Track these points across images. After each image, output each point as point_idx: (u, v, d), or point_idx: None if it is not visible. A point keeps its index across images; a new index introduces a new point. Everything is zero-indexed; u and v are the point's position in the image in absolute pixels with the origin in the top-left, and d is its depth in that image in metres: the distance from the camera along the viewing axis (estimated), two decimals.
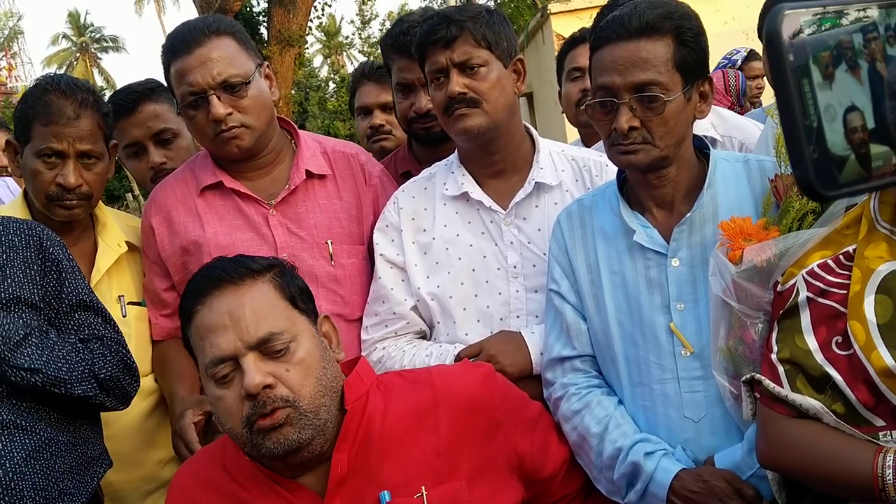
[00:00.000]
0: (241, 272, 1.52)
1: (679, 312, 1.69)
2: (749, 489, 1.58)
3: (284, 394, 1.45)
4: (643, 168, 1.68)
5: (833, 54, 0.62)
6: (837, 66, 0.62)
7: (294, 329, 1.50)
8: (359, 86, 3.04)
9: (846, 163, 0.62)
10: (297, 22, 13.00)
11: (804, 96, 0.61)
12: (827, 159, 0.61)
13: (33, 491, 1.67)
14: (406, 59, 2.44)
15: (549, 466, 1.71)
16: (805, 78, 0.61)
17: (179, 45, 2.05)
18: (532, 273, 1.99)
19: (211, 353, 1.47)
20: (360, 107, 3.02)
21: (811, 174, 0.61)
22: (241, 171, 2.16)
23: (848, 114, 0.62)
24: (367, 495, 1.51)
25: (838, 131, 0.61)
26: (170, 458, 2.07)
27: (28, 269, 1.76)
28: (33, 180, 2.10)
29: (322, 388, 1.49)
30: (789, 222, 1.55)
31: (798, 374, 1.41)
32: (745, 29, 4.61)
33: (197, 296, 1.52)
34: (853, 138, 0.61)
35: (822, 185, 0.61)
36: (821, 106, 0.61)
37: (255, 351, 1.46)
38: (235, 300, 1.49)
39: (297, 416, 1.45)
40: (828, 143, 0.61)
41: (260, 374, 1.44)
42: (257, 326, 1.46)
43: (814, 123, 0.61)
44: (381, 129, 2.92)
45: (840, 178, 0.61)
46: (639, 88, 1.62)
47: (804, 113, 0.60)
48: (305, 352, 1.49)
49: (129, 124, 2.49)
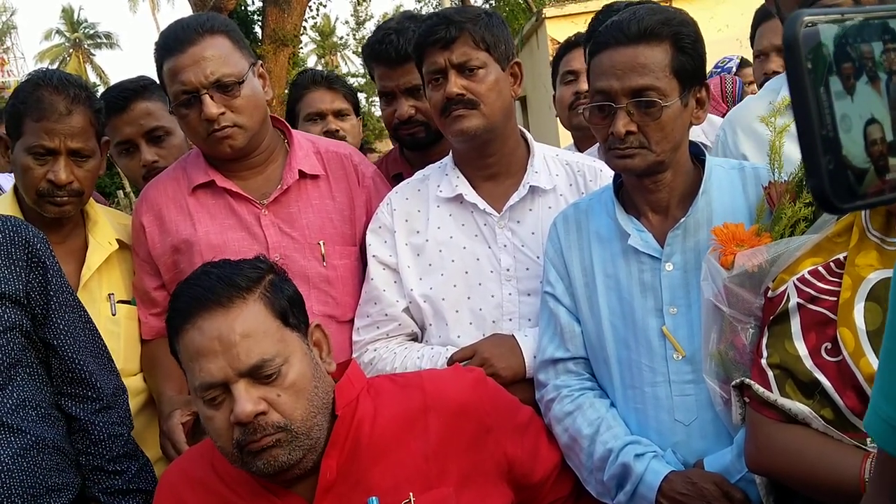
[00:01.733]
0: (230, 293, 1.47)
1: (672, 316, 1.70)
2: (737, 492, 1.59)
3: (276, 420, 1.44)
4: (639, 172, 1.68)
5: (853, 65, 0.62)
6: (858, 77, 0.61)
7: (285, 351, 1.48)
8: (307, 92, 2.94)
9: (865, 175, 0.61)
10: (291, 22, 12.96)
11: (821, 105, 0.60)
12: (843, 170, 0.60)
13: (21, 488, 1.67)
14: (384, 67, 2.44)
15: (539, 471, 1.71)
16: (822, 86, 0.60)
17: (173, 43, 2.04)
18: (525, 276, 1.99)
19: (201, 378, 1.45)
20: (312, 112, 2.90)
21: (826, 185, 0.60)
22: (234, 171, 2.15)
23: (868, 126, 0.61)
24: (356, 500, 1.51)
25: (858, 143, 0.61)
26: (158, 458, 2.06)
27: (14, 265, 1.75)
28: (24, 176, 2.09)
29: (314, 408, 1.48)
30: (781, 229, 1.56)
31: (787, 379, 1.42)
32: (738, 36, 4.63)
33: (185, 315, 1.47)
34: (873, 150, 0.61)
35: (838, 197, 0.60)
36: (837, 115, 0.60)
37: (246, 378, 1.44)
38: (225, 324, 1.44)
39: (288, 438, 1.44)
40: (843, 154, 0.60)
41: (251, 402, 1.42)
42: (248, 353, 1.43)
43: (830, 133, 0.60)
44: (336, 136, 2.83)
45: (857, 190, 0.61)
46: (636, 93, 1.62)
47: (821, 122, 0.60)
48: (297, 374, 1.47)
49: (122, 122, 2.48)
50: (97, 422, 1.85)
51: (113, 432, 1.87)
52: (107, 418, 1.86)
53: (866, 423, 0.90)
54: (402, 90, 2.42)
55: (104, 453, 1.85)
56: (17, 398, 1.72)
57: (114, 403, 1.89)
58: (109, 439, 1.86)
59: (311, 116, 2.92)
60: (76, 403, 1.84)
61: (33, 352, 1.79)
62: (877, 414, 0.87)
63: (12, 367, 1.72)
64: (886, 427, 0.86)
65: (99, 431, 1.85)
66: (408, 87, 2.41)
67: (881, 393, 0.87)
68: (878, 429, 0.87)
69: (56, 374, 1.83)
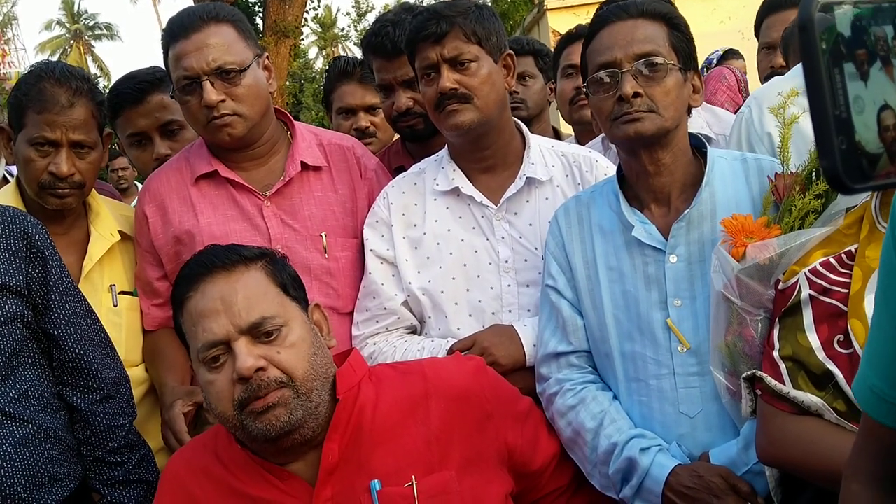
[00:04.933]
0: (233, 258, 1.55)
1: (676, 309, 1.70)
2: (744, 485, 1.59)
3: (277, 376, 1.47)
4: (649, 138, 1.68)
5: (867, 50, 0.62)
6: (871, 63, 0.62)
7: (286, 314, 1.53)
8: (339, 84, 2.93)
9: (879, 159, 0.61)
10: (293, 13, 12.95)
11: (835, 86, 0.60)
12: (855, 152, 0.60)
13: (23, 478, 1.67)
14: (381, 60, 2.43)
15: (538, 460, 1.72)
16: (837, 68, 0.60)
17: (178, 29, 2.05)
18: (523, 268, 1.99)
19: (203, 338, 1.50)
20: (343, 108, 2.91)
21: (839, 166, 0.60)
22: (237, 161, 2.15)
23: (882, 112, 0.61)
24: (358, 484, 1.52)
25: (871, 128, 0.61)
26: (160, 448, 2.07)
27: (13, 256, 1.75)
28: (26, 168, 2.09)
29: (314, 370, 1.51)
30: (791, 221, 1.56)
31: (800, 371, 1.43)
32: (740, 28, 4.61)
33: (189, 282, 1.54)
34: (885, 136, 0.61)
35: (850, 178, 0.60)
36: (850, 96, 0.60)
37: (247, 335, 1.49)
38: (228, 286, 1.51)
39: (291, 395, 1.47)
40: (856, 135, 0.60)
41: (252, 357, 1.46)
42: (249, 311, 1.49)
43: (843, 114, 0.60)
44: (366, 132, 2.85)
45: (869, 172, 0.61)
46: (640, 58, 1.67)
47: (834, 103, 0.60)
48: (297, 336, 1.52)
49: (136, 114, 2.45)
50: (98, 412, 1.85)
51: (114, 423, 1.87)
52: (108, 409, 1.87)
53: (854, 388, 0.94)
54: (400, 82, 2.41)
55: (105, 444, 1.86)
56: (20, 388, 1.72)
57: (115, 393, 1.89)
58: (110, 430, 1.86)
59: (342, 111, 2.93)
60: (77, 393, 1.84)
61: (35, 342, 1.80)
62: (864, 381, 0.91)
63: (14, 357, 1.72)
64: (872, 395, 0.90)
65: (100, 422, 1.85)
66: (406, 79, 2.40)
67: (868, 363, 0.92)
68: (864, 396, 0.92)
69: (57, 364, 1.83)
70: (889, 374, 0.88)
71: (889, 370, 0.88)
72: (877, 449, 0.95)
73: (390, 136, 2.94)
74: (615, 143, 1.82)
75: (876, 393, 0.90)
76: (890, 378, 0.88)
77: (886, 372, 0.88)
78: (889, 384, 0.88)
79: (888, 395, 0.88)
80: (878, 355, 0.90)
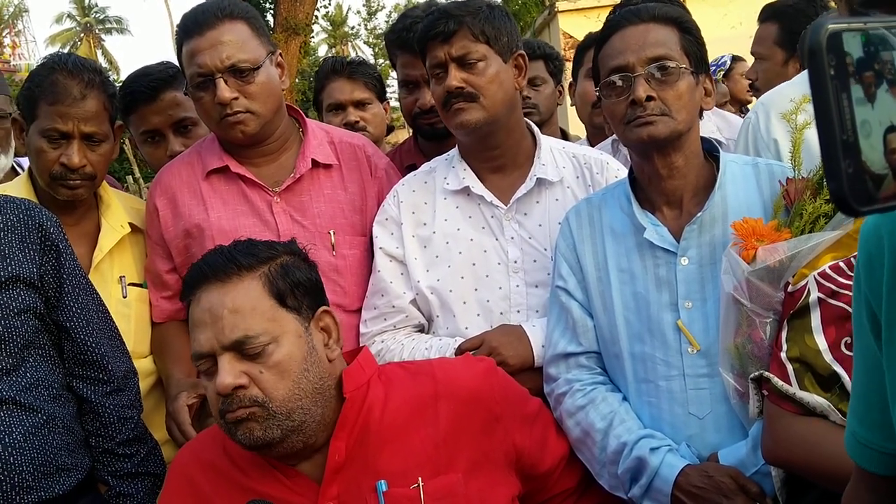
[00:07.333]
0: (229, 268, 1.51)
1: (687, 310, 1.71)
2: (753, 486, 1.59)
3: (255, 394, 1.46)
4: (662, 141, 1.69)
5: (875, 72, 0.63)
6: (878, 85, 0.62)
7: (275, 330, 1.49)
8: (328, 81, 2.96)
9: (884, 181, 0.62)
10: (303, 10, 12.96)
11: (842, 111, 0.61)
12: (861, 174, 0.61)
13: (32, 466, 1.68)
14: (409, 55, 2.43)
15: (546, 462, 1.72)
16: (844, 92, 0.61)
17: (192, 26, 2.05)
18: (533, 268, 2.00)
19: (193, 348, 1.51)
20: (333, 104, 2.93)
21: (846, 189, 0.61)
22: (248, 157, 2.15)
23: (888, 133, 0.62)
24: (364, 484, 1.52)
25: (877, 150, 0.62)
26: (167, 440, 2.08)
27: (27, 248, 1.77)
28: (37, 159, 2.10)
29: (299, 390, 1.48)
30: (802, 224, 1.57)
31: (807, 372, 1.44)
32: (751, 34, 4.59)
33: (189, 287, 1.54)
34: (891, 158, 0.62)
35: (856, 200, 0.61)
36: (858, 121, 0.61)
37: (230, 351, 1.47)
38: (217, 298, 1.49)
39: (264, 415, 1.45)
40: (862, 160, 0.61)
41: (231, 375, 1.45)
42: (233, 328, 1.46)
43: (850, 139, 0.61)
44: (356, 127, 2.85)
45: (875, 195, 0.62)
46: (653, 61, 1.68)
47: (842, 127, 0.61)
48: (283, 354, 1.48)
49: (150, 111, 2.46)
50: (108, 404, 1.86)
51: (123, 415, 1.88)
52: (117, 401, 1.88)
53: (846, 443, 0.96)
54: (426, 79, 2.42)
55: (114, 436, 1.86)
56: (30, 378, 1.73)
57: (125, 386, 1.90)
58: (119, 422, 1.87)
59: (331, 107, 2.94)
60: (87, 385, 1.85)
61: (46, 334, 1.81)
62: (853, 436, 0.94)
63: (26, 348, 1.74)
64: (857, 444, 0.93)
65: (109, 414, 1.86)
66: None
67: (853, 413, 0.96)
68: (851, 445, 0.94)
69: (68, 356, 1.84)
70: (870, 422, 0.90)
71: (869, 417, 0.90)
72: (870, 500, 0.97)
73: (381, 131, 2.95)
74: (628, 147, 1.82)
75: (861, 442, 0.92)
76: (872, 426, 0.90)
77: (868, 420, 0.91)
78: (872, 432, 0.90)
79: (872, 443, 0.90)
80: (858, 404, 0.92)
